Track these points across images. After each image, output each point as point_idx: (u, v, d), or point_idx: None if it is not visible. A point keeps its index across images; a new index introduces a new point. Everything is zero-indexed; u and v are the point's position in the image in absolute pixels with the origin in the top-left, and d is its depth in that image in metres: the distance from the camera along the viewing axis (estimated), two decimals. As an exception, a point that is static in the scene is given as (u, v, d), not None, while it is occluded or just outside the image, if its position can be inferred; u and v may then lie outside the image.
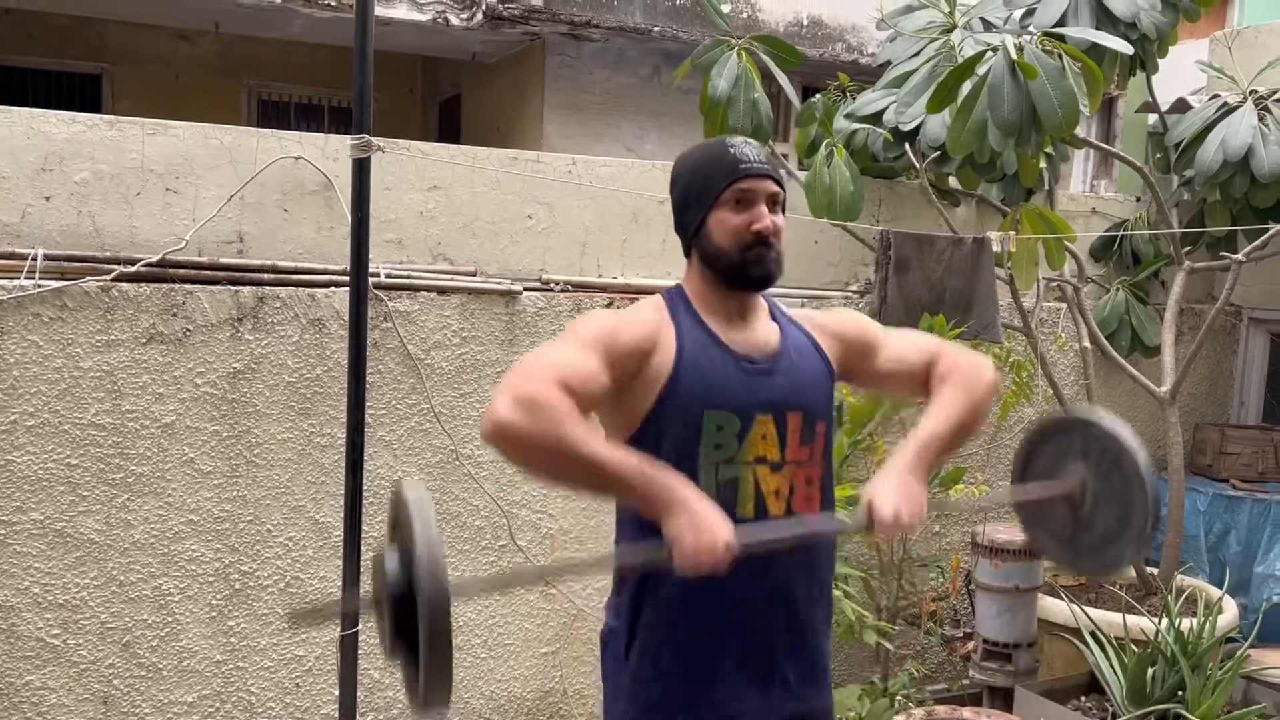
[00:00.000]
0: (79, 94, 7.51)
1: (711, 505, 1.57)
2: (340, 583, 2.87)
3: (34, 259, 2.73)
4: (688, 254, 1.82)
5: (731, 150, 1.77)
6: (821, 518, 1.82)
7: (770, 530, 1.70)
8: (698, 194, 1.77)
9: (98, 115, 2.91)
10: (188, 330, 2.90)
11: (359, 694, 2.93)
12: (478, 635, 3.34)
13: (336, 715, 2.95)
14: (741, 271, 1.74)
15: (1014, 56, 3.08)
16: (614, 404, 1.72)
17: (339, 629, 2.81)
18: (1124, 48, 3.37)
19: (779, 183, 1.78)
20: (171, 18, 7.00)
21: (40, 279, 2.73)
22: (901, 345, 1.93)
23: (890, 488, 1.69)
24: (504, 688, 3.40)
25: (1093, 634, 3.44)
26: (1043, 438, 1.96)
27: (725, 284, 1.76)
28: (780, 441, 1.75)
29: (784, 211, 1.80)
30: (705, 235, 1.76)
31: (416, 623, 1.40)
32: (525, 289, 3.32)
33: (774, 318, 1.85)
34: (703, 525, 1.53)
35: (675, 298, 1.80)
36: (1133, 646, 3.31)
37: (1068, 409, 1.93)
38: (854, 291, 3.89)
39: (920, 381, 1.91)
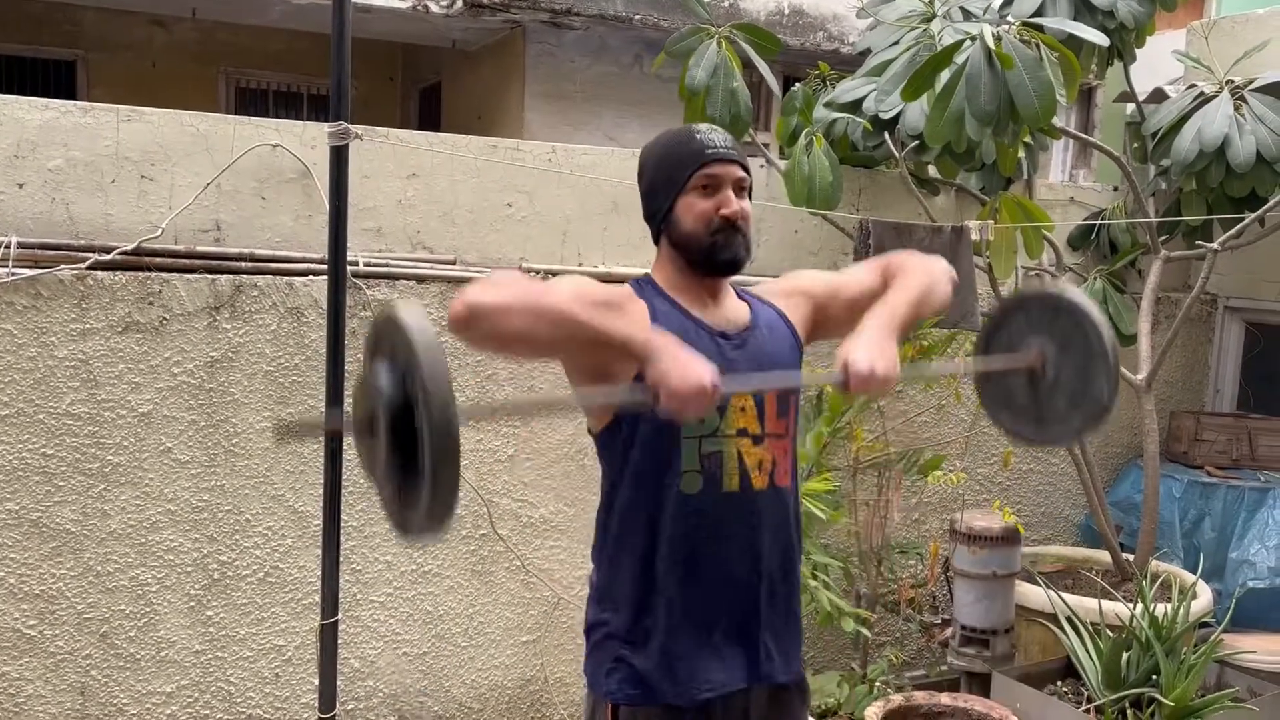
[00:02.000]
0: (53, 81, 7.42)
1: (694, 352, 1.58)
2: (320, 572, 2.87)
3: (7, 247, 2.70)
4: (657, 241, 1.85)
5: (698, 136, 1.79)
6: (801, 372, 1.87)
7: (752, 380, 1.74)
8: (665, 181, 1.79)
9: (71, 102, 2.88)
10: (164, 319, 2.88)
11: (339, 683, 2.93)
12: (458, 624, 3.35)
13: (316, 704, 2.95)
14: (710, 255, 1.76)
15: (991, 47, 3.09)
16: (592, 387, 1.74)
17: (322, 436, 2.73)
18: (1100, 39, 3.39)
19: (745, 168, 1.80)
20: (147, 4, 6.93)
21: (14, 267, 2.71)
22: (857, 273, 1.99)
23: (864, 344, 1.68)
24: (485, 676, 3.41)
25: (1069, 620, 3.48)
26: (1007, 313, 1.96)
27: (695, 269, 1.79)
28: (759, 414, 1.78)
29: (751, 198, 1.83)
30: (674, 221, 1.78)
31: (415, 437, 1.33)
32: (505, 277, 3.31)
33: (741, 298, 1.88)
34: (688, 366, 1.54)
35: (644, 284, 1.83)
36: (1108, 632, 3.34)
37: (1032, 286, 1.96)
38: (834, 280, 3.90)
39: (882, 291, 1.89)
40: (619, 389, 1.67)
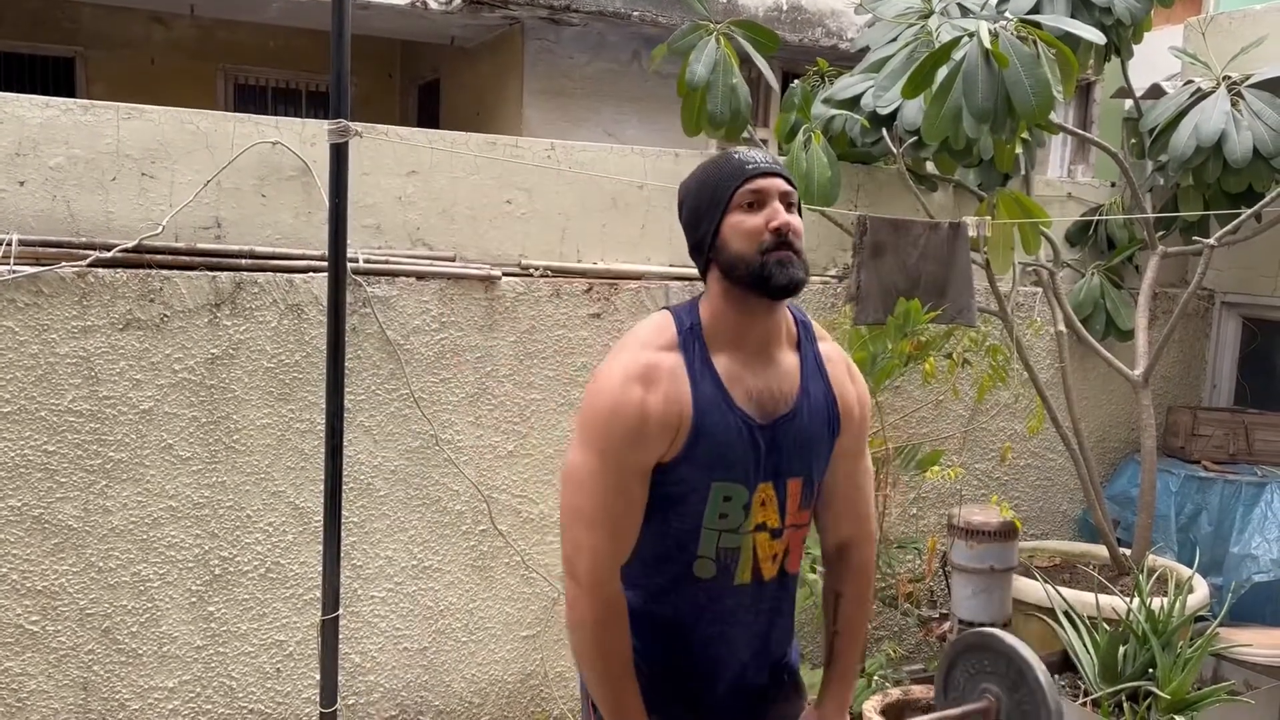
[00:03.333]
0: (52, 78, 7.43)
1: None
2: (320, 568, 2.88)
3: (8, 244, 2.71)
4: (704, 275, 1.74)
5: (736, 156, 1.73)
6: None
7: None
8: (708, 204, 1.70)
9: (72, 100, 2.89)
10: (165, 316, 2.89)
11: (340, 678, 2.95)
12: (458, 619, 3.36)
13: (317, 699, 2.97)
14: (763, 277, 1.64)
15: (988, 44, 3.10)
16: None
17: None
18: (1097, 37, 3.40)
19: (790, 182, 1.72)
20: (146, 0, 6.92)
21: (15, 264, 2.72)
22: (862, 476, 1.91)
23: None
24: (485, 671, 3.42)
25: (1066, 614, 3.49)
26: (957, 656, 2.21)
27: (749, 295, 1.67)
28: (780, 507, 1.75)
29: (801, 214, 1.73)
30: (721, 244, 1.67)
31: None
32: (504, 274, 3.32)
33: (799, 345, 1.78)
34: None
35: (689, 332, 1.70)
36: (1105, 626, 3.36)
37: (972, 631, 2.24)
38: (832, 276, 3.91)
39: (839, 536, 1.92)
40: None
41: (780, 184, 1.70)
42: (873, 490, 1.97)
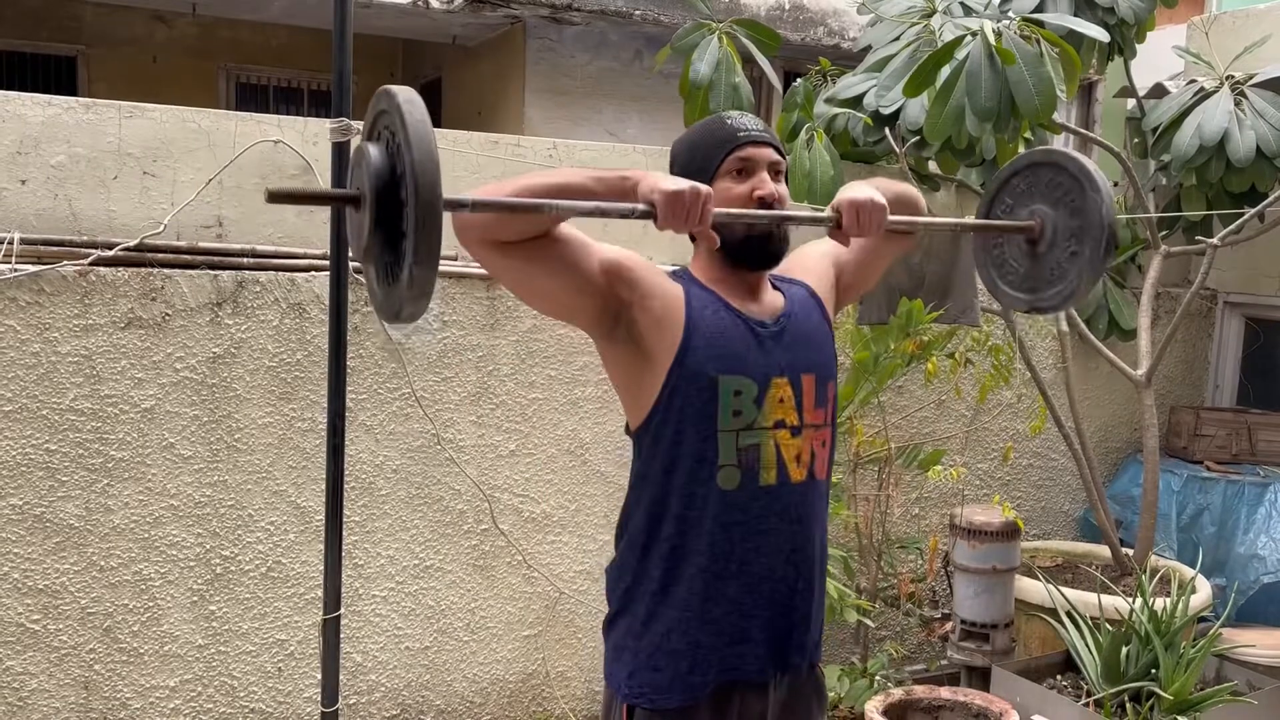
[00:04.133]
0: (54, 76, 7.43)
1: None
2: (322, 567, 2.88)
3: (10, 243, 2.71)
4: (693, 235, 1.76)
5: (729, 121, 1.75)
6: (795, 209, 1.84)
7: (745, 216, 1.70)
8: (698, 168, 1.73)
9: (74, 98, 2.89)
10: (167, 315, 2.89)
11: (341, 678, 2.94)
12: (460, 618, 3.36)
13: (319, 699, 2.96)
14: (746, 248, 1.71)
15: (992, 42, 3.10)
16: (632, 380, 1.73)
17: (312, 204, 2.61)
18: (1101, 35, 3.39)
19: (780, 151, 1.75)
20: (148, -1, 6.93)
21: (17, 263, 2.72)
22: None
23: (850, 189, 1.74)
24: (486, 670, 3.42)
25: (1068, 614, 3.49)
26: (1014, 174, 1.96)
27: (731, 261, 1.74)
28: (797, 404, 1.74)
29: (787, 182, 1.78)
30: None
31: (400, 213, 1.35)
32: (506, 273, 3.32)
33: (774, 286, 1.84)
34: (672, 180, 1.55)
35: (681, 273, 1.78)
36: (1107, 626, 3.35)
37: (1041, 149, 1.97)
38: (834, 276, 3.90)
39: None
40: (617, 205, 1.57)
41: (770, 153, 1.73)
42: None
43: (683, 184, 1.54)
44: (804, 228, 1.79)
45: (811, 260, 1.94)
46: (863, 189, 1.73)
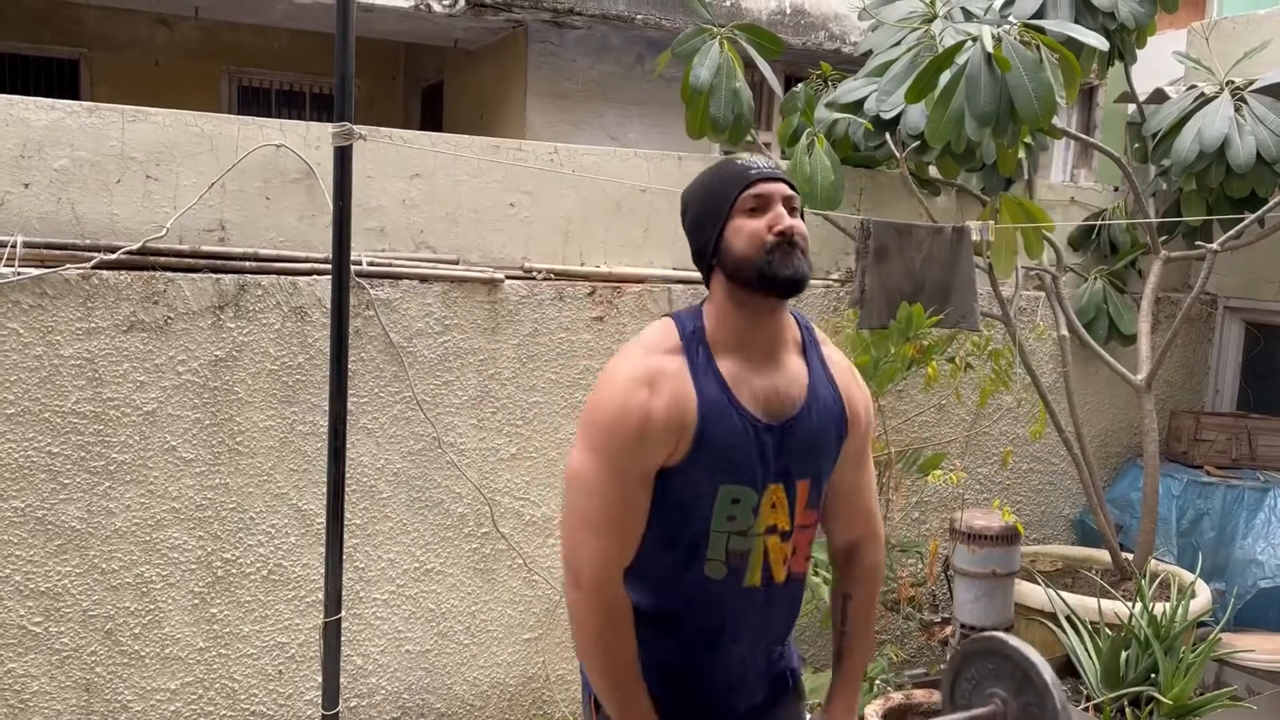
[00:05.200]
0: (56, 79, 7.43)
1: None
2: (323, 570, 2.88)
3: (13, 246, 2.72)
4: (708, 281, 1.74)
5: (739, 162, 1.74)
6: None
7: None
8: (712, 210, 1.71)
9: (77, 102, 2.89)
10: (169, 318, 2.90)
11: (342, 680, 2.95)
12: (460, 622, 3.36)
13: (319, 702, 2.97)
14: (768, 274, 1.64)
15: (990, 49, 3.10)
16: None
17: None
18: (1100, 43, 3.40)
19: (793, 188, 1.73)
20: (150, 2, 6.93)
21: (20, 266, 2.72)
22: (866, 480, 1.92)
23: None
24: (487, 674, 3.42)
25: (1068, 618, 3.49)
26: (964, 662, 2.20)
27: (754, 295, 1.67)
28: (790, 510, 1.75)
29: (804, 218, 1.74)
30: (725, 248, 1.68)
31: None
32: (508, 277, 3.33)
33: (805, 350, 1.78)
34: None
35: (692, 336, 1.70)
36: (1107, 630, 3.36)
37: (977, 636, 2.23)
38: (835, 280, 3.91)
39: (846, 537, 1.94)
40: None
41: (783, 189, 1.70)
42: (875, 492, 1.98)
43: None
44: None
45: (858, 391, 1.86)
46: None
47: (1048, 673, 2.02)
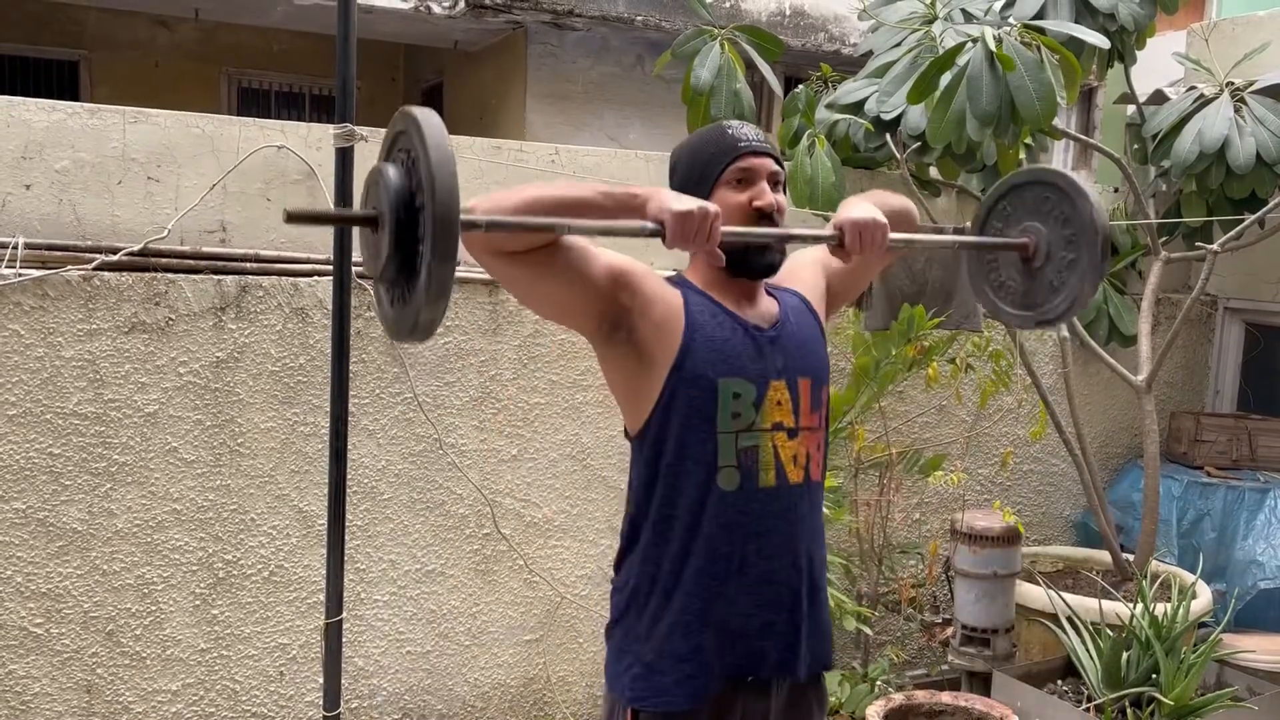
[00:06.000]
0: (56, 81, 7.44)
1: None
2: (324, 571, 2.88)
3: (14, 247, 2.72)
4: None
5: (730, 131, 1.78)
6: (799, 228, 1.89)
7: (750, 233, 1.73)
8: (698, 177, 1.77)
9: (78, 103, 2.90)
10: (170, 319, 2.90)
11: (343, 681, 2.94)
12: (461, 623, 3.36)
13: (321, 703, 2.97)
14: (745, 260, 1.74)
15: (992, 49, 3.11)
16: (631, 384, 1.74)
17: (329, 225, 2.57)
18: (1101, 41, 3.41)
19: (779, 161, 1.78)
20: (150, 4, 6.94)
21: (21, 268, 2.72)
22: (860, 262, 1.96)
23: (849, 207, 1.77)
24: (488, 675, 3.42)
25: (1069, 619, 3.49)
26: (1000, 199, 2.01)
27: (729, 271, 1.76)
28: (794, 407, 1.77)
29: (786, 193, 1.80)
30: None
31: (417, 233, 1.38)
32: (508, 278, 3.32)
33: (769, 293, 1.87)
34: (681, 199, 1.58)
35: (678, 279, 1.81)
36: (1108, 631, 3.36)
37: (1023, 169, 2.03)
38: (835, 281, 3.91)
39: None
40: (626, 223, 1.60)
41: (769, 163, 1.76)
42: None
43: (692, 204, 1.56)
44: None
45: (802, 268, 1.97)
46: (863, 207, 1.76)
47: (1091, 191, 1.86)
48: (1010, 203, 1.98)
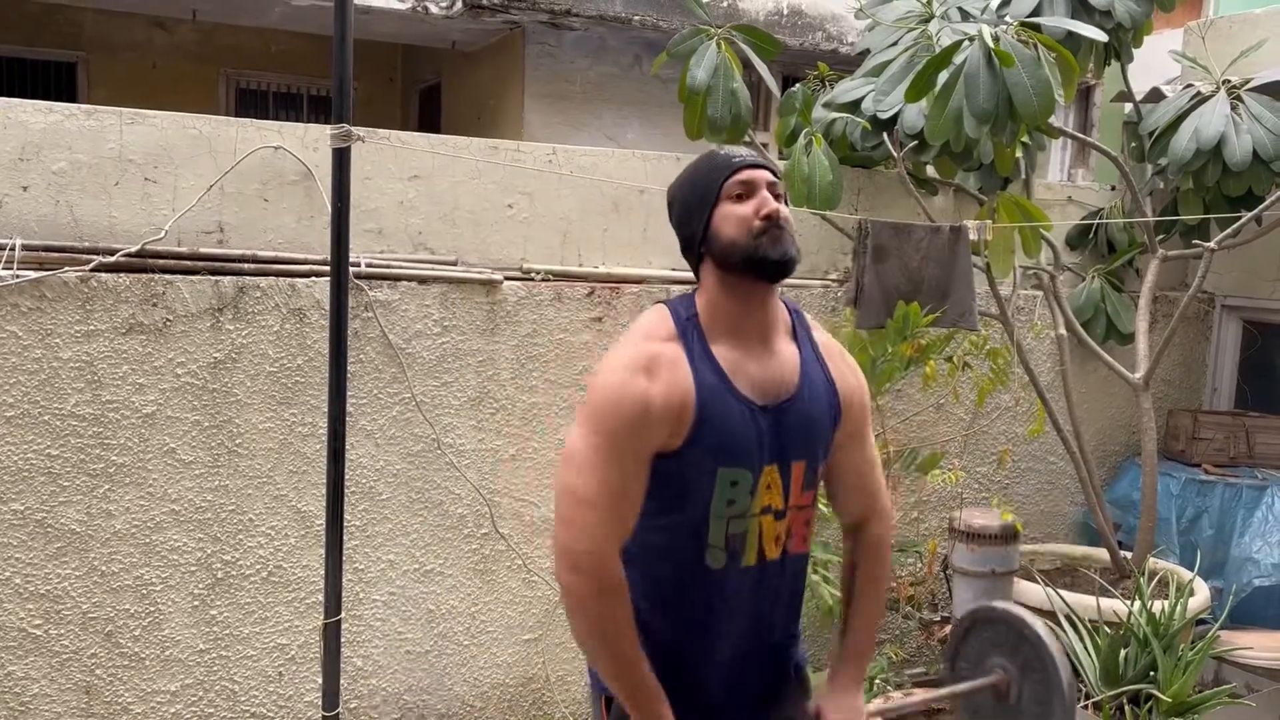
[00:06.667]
0: (54, 82, 7.43)
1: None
2: (322, 572, 2.89)
3: (11, 249, 2.72)
4: (698, 271, 1.77)
5: (722, 152, 1.78)
6: None
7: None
8: (699, 200, 1.74)
9: (75, 105, 2.90)
10: (168, 320, 2.90)
11: (342, 681, 2.95)
12: (460, 623, 3.36)
13: (320, 703, 2.97)
14: (757, 257, 1.68)
15: (990, 46, 3.11)
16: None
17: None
18: (1099, 35, 3.41)
19: (776, 174, 1.77)
20: (148, 5, 6.94)
21: (19, 269, 2.72)
22: (867, 461, 1.94)
23: (838, 708, 1.85)
24: (487, 675, 3.43)
25: (1067, 617, 3.50)
26: (971, 627, 2.16)
27: (744, 279, 1.71)
28: (784, 490, 1.77)
29: (787, 204, 1.78)
30: (713, 235, 1.71)
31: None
32: (506, 278, 3.33)
33: (795, 335, 1.81)
34: None
35: (687, 323, 1.73)
36: (1106, 629, 3.36)
37: (991, 605, 2.17)
38: (833, 280, 3.92)
39: (851, 515, 1.95)
40: None
41: (767, 175, 1.74)
42: (880, 471, 1.99)
43: None
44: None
45: (850, 375, 1.88)
46: (851, 712, 1.86)
47: (1052, 642, 1.98)
48: (977, 638, 2.14)
